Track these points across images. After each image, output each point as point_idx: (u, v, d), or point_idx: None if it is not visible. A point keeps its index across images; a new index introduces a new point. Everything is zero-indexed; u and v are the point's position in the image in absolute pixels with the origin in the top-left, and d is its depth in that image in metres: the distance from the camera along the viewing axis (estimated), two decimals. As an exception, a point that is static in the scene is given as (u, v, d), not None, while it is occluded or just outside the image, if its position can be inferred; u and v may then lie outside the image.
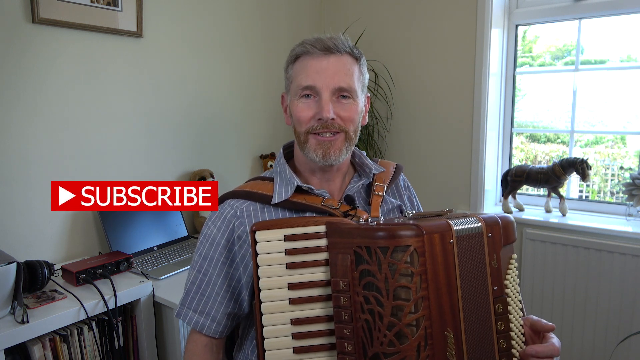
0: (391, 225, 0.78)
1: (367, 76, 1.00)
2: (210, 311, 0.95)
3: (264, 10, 2.48)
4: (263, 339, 0.81)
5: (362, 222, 0.86)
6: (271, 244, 0.82)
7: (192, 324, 0.96)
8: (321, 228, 0.83)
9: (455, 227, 0.77)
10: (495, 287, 0.79)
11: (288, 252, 0.82)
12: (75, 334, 1.40)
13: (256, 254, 0.82)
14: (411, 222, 0.79)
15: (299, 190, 0.96)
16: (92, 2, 1.74)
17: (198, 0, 2.16)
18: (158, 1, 1.98)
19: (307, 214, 0.95)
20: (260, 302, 0.81)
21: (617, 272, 2.00)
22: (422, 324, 0.73)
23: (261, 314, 0.81)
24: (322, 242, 0.82)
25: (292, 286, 0.81)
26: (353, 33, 2.62)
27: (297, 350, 0.81)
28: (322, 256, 0.82)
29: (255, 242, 0.82)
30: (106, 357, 1.50)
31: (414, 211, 0.89)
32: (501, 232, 0.81)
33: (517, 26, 2.36)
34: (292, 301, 0.81)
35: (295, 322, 0.81)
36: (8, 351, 1.26)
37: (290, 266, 0.82)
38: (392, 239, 0.74)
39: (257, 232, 0.82)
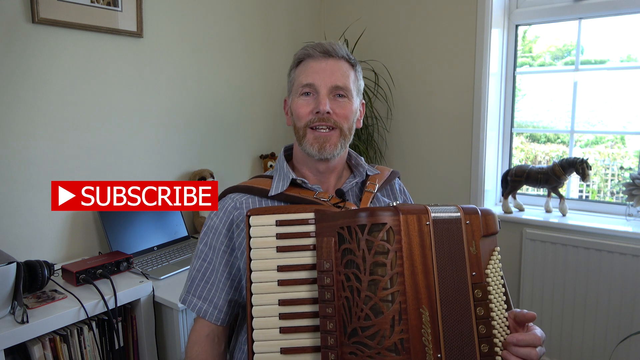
0: (372, 209, 0.84)
1: (362, 82, 1.08)
2: (213, 298, 1.00)
3: (263, 10, 2.48)
4: (252, 318, 0.85)
5: None
6: (264, 228, 0.87)
7: (196, 310, 1.01)
8: (310, 215, 0.88)
9: (432, 211, 0.82)
10: (474, 273, 0.82)
11: (279, 236, 0.87)
12: (75, 334, 1.40)
13: (249, 237, 0.87)
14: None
15: (294, 184, 1.03)
16: (92, 2, 1.74)
17: (198, 1, 2.16)
18: (158, 1, 1.98)
19: None
20: (251, 283, 0.85)
21: (617, 272, 2.00)
22: (397, 299, 0.77)
23: (251, 294, 0.85)
24: (311, 228, 0.87)
25: (281, 268, 0.86)
26: (353, 33, 2.62)
27: (283, 330, 0.84)
28: (310, 241, 0.87)
29: (249, 227, 0.87)
30: (106, 357, 1.50)
31: (398, 201, 0.94)
32: (480, 222, 0.84)
33: (517, 26, 2.36)
34: (281, 282, 0.85)
35: (282, 302, 0.85)
36: (8, 351, 1.26)
37: (280, 249, 0.86)
38: (370, 217, 0.80)
39: (251, 217, 0.88)
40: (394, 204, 0.90)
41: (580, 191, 2.63)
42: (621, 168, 2.58)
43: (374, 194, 1.07)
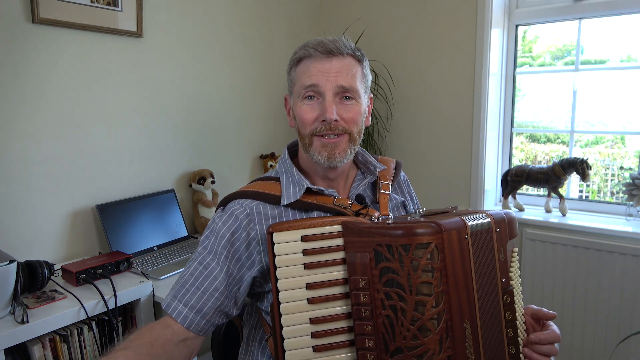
0: (409, 224, 0.79)
1: (369, 77, 1.01)
2: (202, 307, 0.91)
3: (263, 10, 2.48)
4: (282, 339, 0.82)
5: (375, 220, 0.88)
6: (289, 245, 0.83)
7: (180, 319, 0.90)
8: (337, 227, 0.84)
9: (469, 223, 0.80)
10: (503, 280, 0.83)
11: (305, 252, 0.83)
12: (75, 334, 1.40)
13: (274, 255, 0.83)
14: (422, 220, 0.82)
15: (308, 191, 0.97)
16: (92, 2, 1.74)
17: (198, 1, 2.16)
18: (158, 1, 1.98)
19: (315, 213, 0.97)
20: (279, 303, 0.82)
21: (617, 272, 2.00)
22: (443, 317, 0.76)
23: (280, 315, 0.82)
24: (339, 241, 0.84)
25: (310, 286, 0.83)
26: (353, 33, 2.62)
27: (317, 349, 0.82)
28: (339, 255, 0.84)
29: (272, 244, 0.83)
30: (106, 357, 1.50)
31: (423, 209, 0.91)
32: (507, 227, 0.85)
33: (517, 26, 2.36)
34: (311, 301, 0.83)
35: (314, 321, 0.82)
36: (8, 351, 1.26)
37: (308, 266, 0.83)
38: (413, 237, 0.76)
39: (274, 234, 0.83)
40: (421, 211, 0.89)
41: (580, 191, 2.63)
42: (621, 168, 2.58)
43: (389, 195, 1.03)
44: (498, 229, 0.83)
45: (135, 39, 1.92)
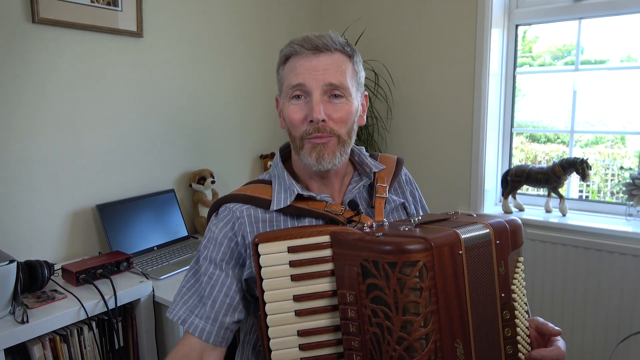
0: (398, 238, 0.75)
1: (362, 74, 0.97)
2: (218, 316, 0.90)
3: (263, 10, 2.48)
4: (270, 351, 0.80)
5: (367, 229, 0.85)
6: (275, 256, 0.81)
7: (198, 333, 0.89)
8: (325, 238, 0.81)
9: (463, 236, 0.75)
10: (503, 294, 0.79)
11: (292, 264, 0.81)
12: (75, 334, 1.40)
13: (260, 267, 0.80)
14: (417, 231, 0.78)
15: (299, 196, 0.93)
16: (92, 2, 1.74)
17: (198, 1, 2.16)
18: (158, 1, 1.98)
19: (306, 219, 0.94)
20: (266, 315, 0.80)
21: (617, 272, 2.00)
22: (432, 338, 0.71)
23: (267, 327, 0.80)
24: (327, 252, 0.81)
25: (297, 298, 0.81)
26: (353, 33, 2.62)
27: None
28: (328, 267, 0.81)
29: (258, 255, 0.81)
30: (106, 357, 1.50)
31: (419, 217, 0.86)
32: (509, 238, 0.80)
33: (517, 26, 2.36)
34: (299, 313, 0.80)
35: (302, 333, 0.81)
36: (8, 351, 1.26)
37: (295, 278, 0.81)
38: (400, 254, 0.71)
39: (259, 245, 0.81)
40: (417, 219, 0.84)
41: (580, 191, 2.63)
42: (621, 168, 2.58)
43: (386, 198, 0.98)
44: (498, 241, 0.78)
45: (135, 39, 1.92)
